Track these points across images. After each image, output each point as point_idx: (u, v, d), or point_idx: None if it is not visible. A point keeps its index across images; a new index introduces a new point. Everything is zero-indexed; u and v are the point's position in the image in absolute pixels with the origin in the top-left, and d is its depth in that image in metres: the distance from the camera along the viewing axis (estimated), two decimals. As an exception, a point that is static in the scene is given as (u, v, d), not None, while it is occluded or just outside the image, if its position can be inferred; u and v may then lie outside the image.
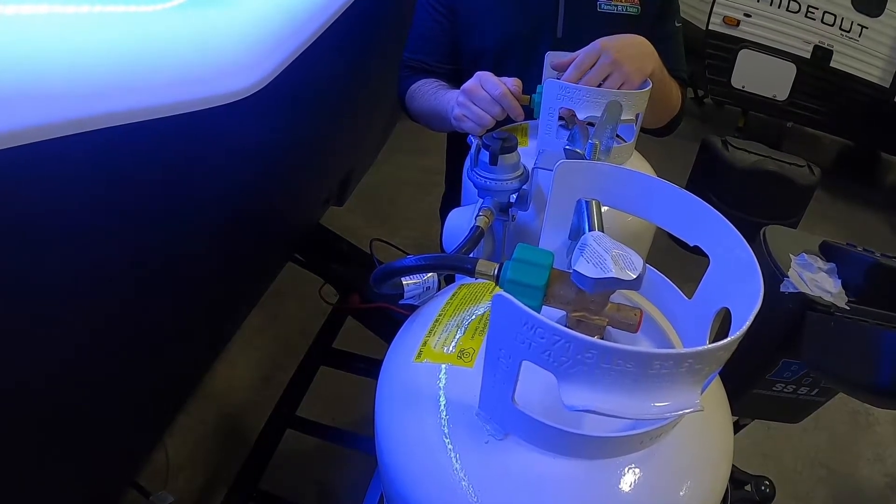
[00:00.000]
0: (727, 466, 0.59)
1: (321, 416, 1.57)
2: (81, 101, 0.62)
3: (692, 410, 0.40)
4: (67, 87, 0.61)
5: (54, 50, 0.62)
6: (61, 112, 0.60)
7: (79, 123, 0.61)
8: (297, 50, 1.00)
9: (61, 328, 0.78)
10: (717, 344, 0.39)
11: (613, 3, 1.14)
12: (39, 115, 0.58)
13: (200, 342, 1.47)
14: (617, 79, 0.89)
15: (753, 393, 0.90)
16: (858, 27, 3.12)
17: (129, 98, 0.68)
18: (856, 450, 2.14)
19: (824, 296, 0.78)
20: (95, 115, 0.63)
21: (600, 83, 0.89)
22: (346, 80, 1.38)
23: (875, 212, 3.54)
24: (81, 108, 0.62)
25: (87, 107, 0.62)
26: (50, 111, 0.59)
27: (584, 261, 0.47)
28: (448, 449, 0.53)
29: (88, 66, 0.64)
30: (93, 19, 0.67)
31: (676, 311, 0.61)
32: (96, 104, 0.63)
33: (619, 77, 0.89)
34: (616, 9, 1.15)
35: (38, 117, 0.58)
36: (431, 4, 1.20)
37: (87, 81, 0.63)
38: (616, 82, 0.89)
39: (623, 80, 0.89)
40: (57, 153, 0.61)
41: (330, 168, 1.63)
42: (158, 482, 1.74)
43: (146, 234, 0.87)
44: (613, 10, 1.15)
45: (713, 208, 0.54)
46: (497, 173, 0.77)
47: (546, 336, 0.39)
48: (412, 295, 0.66)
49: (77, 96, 0.62)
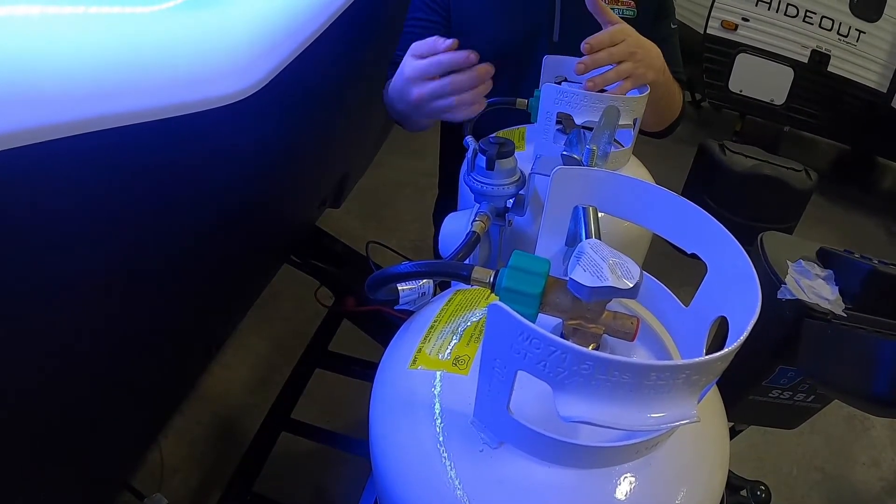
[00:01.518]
0: (723, 473, 0.58)
1: (316, 419, 1.57)
2: (73, 104, 0.61)
3: (689, 421, 0.40)
4: (59, 90, 0.61)
5: (46, 52, 0.61)
6: (52, 115, 0.59)
7: (70, 127, 0.61)
8: (294, 53, 1.00)
9: (53, 330, 0.77)
10: (715, 355, 0.39)
11: (611, 6, 1.14)
12: (30, 119, 0.58)
13: (195, 344, 1.46)
14: (629, 68, 0.89)
15: (750, 399, 0.90)
16: (856, 32, 3.13)
17: (122, 101, 0.68)
18: (851, 454, 2.14)
19: (822, 303, 0.78)
20: (87, 118, 0.63)
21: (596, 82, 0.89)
22: (342, 82, 1.37)
23: (871, 216, 3.55)
24: (73, 112, 0.61)
25: (79, 110, 0.62)
26: (41, 114, 0.58)
27: (580, 269, 0.47)
28: (443, 457, 0.52)
29: (81, 68, 0.63)
30: (86, 20, 0.66)
31: (673, 318, 0.60)
32: (88, 107, 0.63)
33: (630, 67, 0.89)
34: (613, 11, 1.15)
35: (29, 120, 0.58)
36: (426, 2, 1.19)
37: (78, 84, 0.63)
38: (627, 71, 0.89)
39: (631, 72, 0.89)
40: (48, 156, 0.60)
41: (326, 170, 1.63)
42: (153, 484, 1.74)
43: (140, 236, 0.87)
44: None
45: (711, 216, 0.54)
46: (494, 178, 0.77)
47: (542, 347, 0.39)
48: (407, 301, 0.66)
49: (68, 99, 0.61)
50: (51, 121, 0.59)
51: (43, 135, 0.58)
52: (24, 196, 0.62)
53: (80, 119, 0.62)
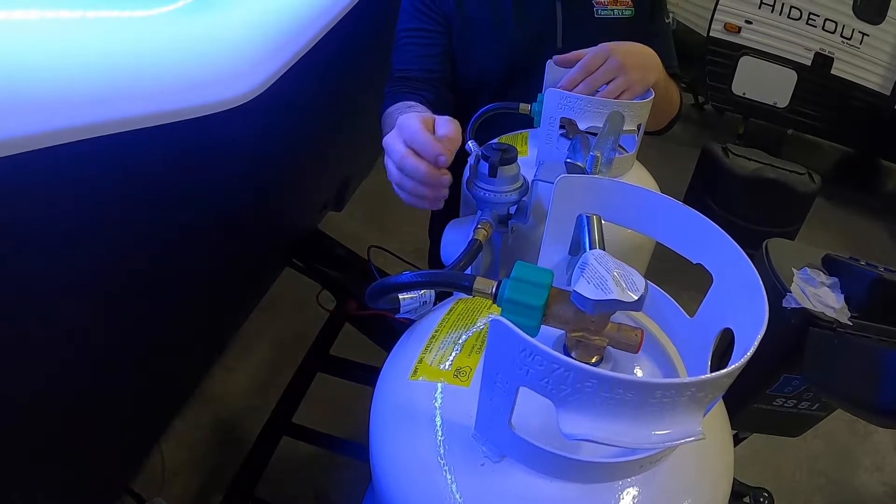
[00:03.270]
0: (727, 483, 0.57)
1: (318, 423, 1.56)
2: (71, 111, 0.61)
3: (694, 439, 0.39)
4: (57, 95, 0.60)
5: (45, 56, 0.61)
6: (50, 121, 0.59)
7: (67, 133, 0.60)
8: (295, 56, 0.99)
9: (56, 333, 0.77)
10: (721, 373, 0.38)
11: (609, 8, 1.14)
12: (29, 125, 0.57)
13: (197, 347, 1.46)
14: (621, 83, 0.88)
15: (754, 407, 0.89)
16: (859, 35, 3.12)
17: (121, 106, 0.67)
18: (854, 458, 2.13)
19: (827, 311, 0.78)
20: (85, 125, 0.62)
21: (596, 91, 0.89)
22: (344, 85, 1.37)
23: (875, 220, 3.53)
24: (70, 118, 0.61)
25: (77, 116, 0.61)
26: (40, 120, 0.58)
27: (584, 281, 0.46)
28: (444, 470, 0.51)
29: (79, 73, 0.63)
30: (85, 25, 0.66)
31: (678, 329, 0.60)
32: (86, 113, 0.62)
33: (623, 82, 0.88)
34: (612, 13, 1.15)
35: (28, 126, 0.57)
36: (419, 9, 1.15)
37: (76, 90, 0.62)
38: (619, 87, 0.88)
39: (627, 86, 0.88)
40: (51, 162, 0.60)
41: (328, 174, 1.62)
42: (154, 487, 1.73)
43: (143, 240, 0.87)
44: (610, 15, 1.15)
45: (717, 226, 0.53)
46: (496, 185, 0.76)
47: (544, 364, 0.38)
48: (408, 309, 0.65)
49: (66, 105, 0.61)
50: (48, 127, 0.59)
51: (40, 142, 0.58)
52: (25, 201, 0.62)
53: (78, 126, 0.61)
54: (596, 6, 1.14)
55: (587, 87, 0.88)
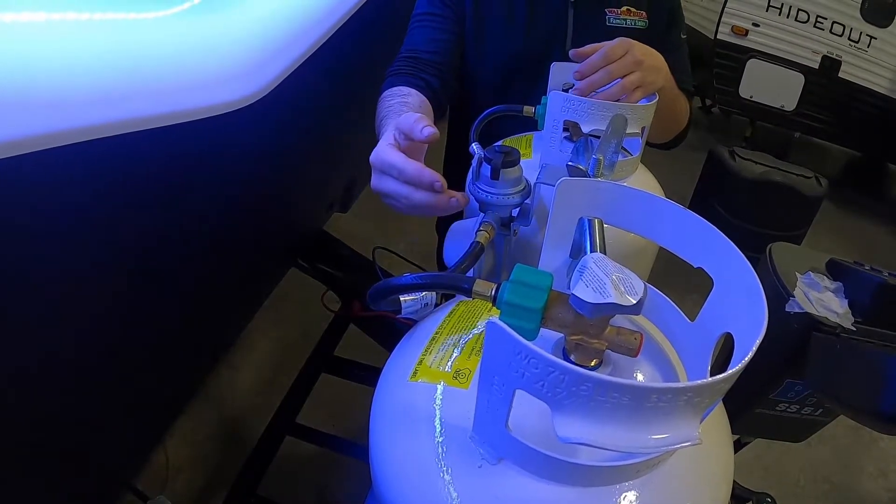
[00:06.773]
0: (727, 487, 0.57)
1: (322, 423, 1.57)
2: (77, 111, 0.61)
3: (691, 444, 0.39)
4: (63, 97, 0.60)
5: (52, 58, 0.61)
6: (58, 122, 0.59)
7: (73, 134, 0.61)
8: (301, 57, 1.00)
9: (61, 331, 0.77)
10: (718, 377, 0.38)
11: (622, 17, 1.14)
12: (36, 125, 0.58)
13: (202, 345, 1.46)
14: (636, 79, 0.88)
15: (757, 412, 0.89)
16: (867, 38, 3.11)
17: (127, 107, 0.68)
18: (859, 464, 2.12)
19: (830, 316, 0.77)
20: (91, 125, 0.63)
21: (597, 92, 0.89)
22: (349, 86, 1.37)
23: (882, 224, 3.52)
24: (77, 119, 0.61)
25: (83, 117, 0.62)
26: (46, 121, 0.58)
27: (583, 284, 0.46)
28: (442, 471, 0.52)
29: (85, 75, 0.63)
30: (91, 27, 0.66)
31: (678, 333, 0.59)
32: (92, 114, 0.63)
33: (638, 78, 0.88)
34: (625, 23, 1.15)
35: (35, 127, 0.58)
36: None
37: (83, 91, 0.63)
38: (634, 83, 0.88)
39: (641, 83, 0.89)
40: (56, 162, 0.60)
41: (334, 174, 1.63)
42: (157, 485, 1.74)
43: (149, 240, 0.87)
44: (622, 24, 1.15)
45: (718, 230, 0.53)
46: (499, 188, 0.76)
47: (540, 367, 0.38)
48: (410, 311, 0.65)
49: (73, 106, 0.61)
50: (54, 128, 0.59)
51: (47, 142, 0.58)
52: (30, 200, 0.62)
53: (84, 126, 0.62)
54: (608, 14, 1.14)
55: (606, 74, 0.88)
